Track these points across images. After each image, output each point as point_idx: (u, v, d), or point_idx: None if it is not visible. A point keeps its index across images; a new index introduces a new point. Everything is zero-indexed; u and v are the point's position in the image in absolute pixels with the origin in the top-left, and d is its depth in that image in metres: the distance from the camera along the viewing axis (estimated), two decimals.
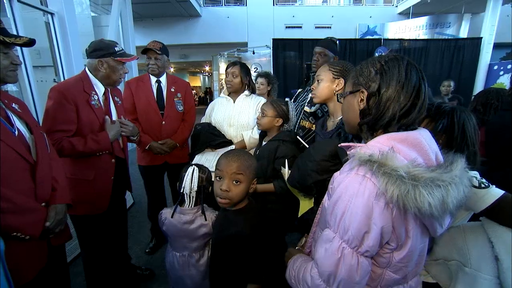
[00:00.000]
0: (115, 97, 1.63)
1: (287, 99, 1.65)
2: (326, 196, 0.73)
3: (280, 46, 6.21)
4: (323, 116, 1.49)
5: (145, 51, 1.97)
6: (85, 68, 1.50)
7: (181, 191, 1.26)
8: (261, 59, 7.54)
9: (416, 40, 6.92)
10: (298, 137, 1.47)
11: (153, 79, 2.05)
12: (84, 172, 1.44)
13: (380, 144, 0.63)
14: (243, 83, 1.87)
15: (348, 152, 0.68)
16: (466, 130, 0.97)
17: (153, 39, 2.06)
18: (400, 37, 7.66)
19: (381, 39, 6.67)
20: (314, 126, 1.67)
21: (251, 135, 1.81)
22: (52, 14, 3.47)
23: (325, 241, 0.65)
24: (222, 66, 7.61)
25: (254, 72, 7.49)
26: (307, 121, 1.74)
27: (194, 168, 1.27)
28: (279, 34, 8.79)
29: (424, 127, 0.73)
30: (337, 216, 0.63)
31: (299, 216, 1.32)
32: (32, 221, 0.99)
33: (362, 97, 0.69)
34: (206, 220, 1.27)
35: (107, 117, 1.49)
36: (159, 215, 1.33)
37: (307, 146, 1.35)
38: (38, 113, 3.26)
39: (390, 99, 0.64)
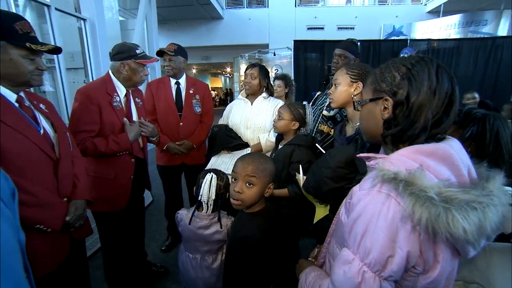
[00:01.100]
0: (136, 98, 1.68)
1: (304, 102, 1.62)
2: (343, 209, 0.68)
3: (301, 47, 6.14)
4: (342, 121, 1.44)
5: (160, 53, 2.02)
6: (108, 71, 1.56)
7: (199, 198, 1.26)
8: (282, 61, 7.51)
9: (446, 40, 6.52)
10: (315, 143, 1.43)
11: (173, 80, 2.10)
12: (105, 171, 1.50)
13: (405, 159, 0.57)
14: (261, 85, 1.86)
15: (367, 163, 0.63)
16: (500, 139, 0.88)
17: (176, 41, 2.11)
18: (428, 37, 7.28)
19: (407, 39, 6.35)
20: (332, 130, 1.63)
21: (267, 138, 1.80)
22: (84, 20, 3.67)
23: (343, 262, 0.59)
24: (243, 67, 7.66)
25: (275, 73, 7.47)
26: (325, 125, 1.69)
27: (212, 176, 1.27)
28: (300, 36, 8.73)
29: (450, 134, 0.67)
30: (357, 236, 0.57)
31: (314, 222, 1.29)
32: (54, 215, 1.05)
33: (386, 106, 0.62)
34: (221, 227, 1.27)
35: (125, 119, 1.53)
36: (175, 215, 1.35)
37: (324, 151, 1.31)
38: (69, 113, 3.47)
39: (421, 107, 0.58)
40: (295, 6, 10.41)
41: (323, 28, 10.39)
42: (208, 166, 1.69)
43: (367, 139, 0.74)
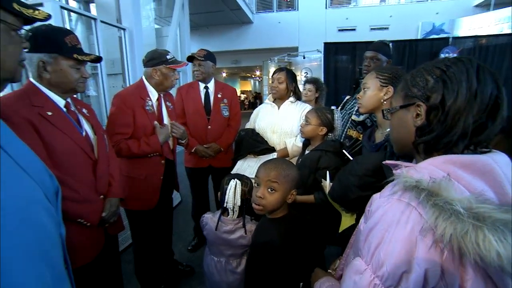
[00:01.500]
0: (167, 102, 1.76)
1: (333, 107, 1.59)
2: (362, 218, 0.65)
3: (331, 50, 6.00)
4: (372, 126, 1.38)
5: (190, 58, 2.09)
6: (142, 77, 1.65)
7: (224, 205, 1.28)
8: (311, 64, 7.41)
9: (498, 35, 5.73)
10: (343, 149, 1.39)
11: (202, 85, 2.16)
12: (137, 172, 1.59)
13: (432, 167, 0.52)
14: (288, 89, 1.85)
15: (394, 172, 0.59)
16: None
17: (207, 46, 2.18)
18: (474, 34, 6.62)
19: (449, 37, 5.82)
20: (361, 136, 1.57)
21: (294, 143, 1.78)
22: (124, 29, 3.94)
23: (355, 272, 0.55)
24: (272, 71, 7.68)
25: (304, 77, 7.39)
26: (354, 130, 1.63)
27: (236, 182, 1.28)
28: (331, 38, 8.52)
29: (496, 144, 0.60)
30: (371, 245, 0.53)
31: (339, 231, 1.25)
32: (92, 210, 1.14)
33: (419, 112, 0.58)
34: (246, 233, 1.28)
35: (156, 122, 1.61)
36: (200, 219, 1.37)
37: (352, 158, 1.26)
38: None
39: (460, 112, 0.52)
40: (326, 8, 10.23)
41: (354, 29, 10.07)
42: (234, 170, 1.71)
43: (398, 151, 0.68)
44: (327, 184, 1.28)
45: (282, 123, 1.83)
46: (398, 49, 5.37)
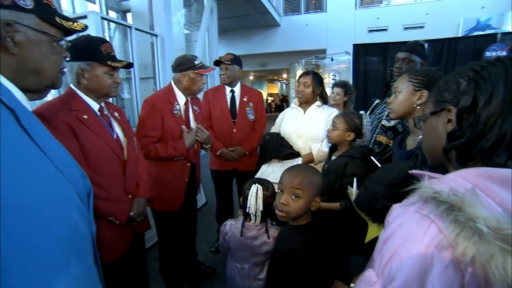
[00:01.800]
0: (194, 106, 1.80)
1: (362, 112, 1.52)
2: (383, 229, 0.62)
3: (361, 51, 5.80)
4: (403, 132, 1.30)
5: (217, 63, 2.12)
6: (171, 81, 1.71)
7: (246, 210, 1.27)
8: (339, 66, 7.24)
9: None
10: (371, 156, 1.32)
11: (228, 89, 2.19)
12: (164, 173, 1.64)
13: (461, 180, 0.46)
14: (314, 93, 1.81)
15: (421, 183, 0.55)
16: None
17: (235, 50, 2.21)
18: None
19: (496, 34, 5.23)
20: (392, 142, 1.48)
21: (319, 148, 1.73)
22: (156, 35, 4.13)
23: (365, 283, 0.52)
24: (299, 73, 7.61)
25: (332, 80, 7.23)
26: (384, 136, 1.55)
27: (258, 187, 1.26)
28: (360, 39, 8.24)
29: None
30: (384, 257, 0.49)
31: (366, 242, 1.18)
32: (121, 209, 1.19)
33: (450, 117, 0.53)
34: (269, 238, 1.26)
35: (183, 127, 1.65)
36: (222, 226, 1.37)
37: (380, 165, 1.20)
38: None
39: (495, 114, 0.47)
40: (355, 8, 9.92)
41: (386, 29, 9.62)
42: (258, 174, 1.71)
43: (431, 162, 0.63)
44: (353, 191, 1.23)
45: (308, 128, 1.79)
46: (435, 49, 5.02)
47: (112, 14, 5.37)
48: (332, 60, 7.29)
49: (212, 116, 2.19)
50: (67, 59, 1.08)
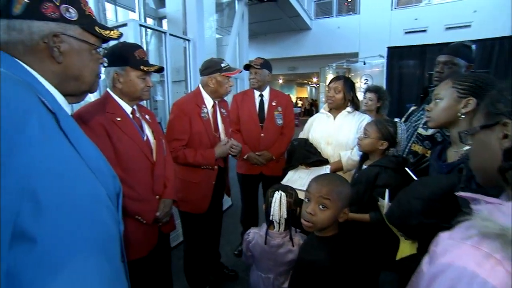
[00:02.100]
0: (222, 109, 1.82)
1: (396, 119, 1.43)
2: (427, 258, 0.53)
3: (396, 54, 5.52)
4: (444, 142, 1.19)
5: (247, 67, 2.13)
6: (199, 85, 1.74)
7: (270, 218, 1.25)
8: (372, 70, 6.96)
9: None
10: (406, 167, 1.23)
11: (257, 93, 2.19)
12: (191, 176, 1.66)
13: None
14: (345, 99, 1.74)
15: (473, 207, 0.47)
16: None
17: (265, 54, 2.21)
18: None
19: None
20: (429, 152, 1.37)
21: (349, 156, 1.66)
22: (188, 40, 4.28)
23: None
24: (330, 77, 7.45)
25: (364, 84, 6.96)
26: (420, 145, 1.44)
27: (281, 194, 1.24)
28: (395, 41, 7.83)
29: None
30: None
31: (396, 259, 1.10)
32: (148, 209, 1.23)
33: (506, 132, 0.47)
34: (293, 246, 1.23)
35: (225, 138, 1.69)
36: (245, 235, 1.35)
37: (416, 178, 1.11)
38: None
39: None
40: (391, 9, 9.46)
41: (425, 30, 9.02)
42: (284, 180, 1.67)
43: (482, 181, 0.56)
44: (385, 204, 1.15)
45: (338, 135, 1.72)
46: (484, 50, 4.58)
47: (150, 21, 5.68)
48: (364, 63, 7.03)
49: (240, 119, 2.20)
50: (105, 64, 1.14)
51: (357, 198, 1.31)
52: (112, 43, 0.89)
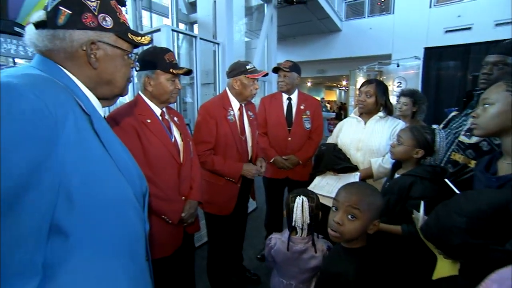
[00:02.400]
0: (249, 112, 1.82)
1: (435, 126, 1.32)
2: None
3: (434, 55, 5.19)
4: (492, 153, 1.07)
5: (275, 69, 2.11)
6: (225, 87, 1.75)
7: (293, 224, 1.23)
8: (407, 72, 6.60)
9: None
10: (445, 178, 1.13)
11: (285, 96, 2.17)
12: (217, 178, 1.68)
13: None
14: (378, 103, 1.65)
15: None
16: None
17: (293, 56, 2.19)
18: None
19: None
20: (473, 163, 1.25)
21: (380, 163, 1.57)
22: (218, 44, 4.38)
23: None
24: (360, 80, 7.20)
25: (397, 87, 6.62)
26: (462, 154, 1.32)
27: (303, 199, 1.22)
28: (434, 41, 7.32)
29: None
30: None
31: (433, 279, 1.01)
32: (174, 210, 1.25)
33: None
34: (316, 252, 1.20)
35: (255, 169, 1.71)
36: (267, 240, 1.34)
37: (457, 191, 1.01)
38: None
39: None
40: (430, 7, 8.87)
41: (470, 28, 8.25)
42: (311, 186, 1.63)
43: None
44: (420, 217, 1.06)
45: (369, 140, 1.64)
46: None
47: (182, 26, 5.90)
48: (398, 66, 6.68)
49: (268, 123, 2.19)
50: (136, 69, 1.20)
51: (388, 209, 1.23)
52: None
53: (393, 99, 2.30)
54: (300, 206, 1.21)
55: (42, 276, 0.50)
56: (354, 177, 1.59)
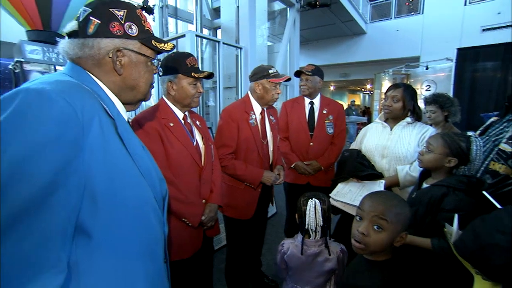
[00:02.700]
0: (270, 116, 1.80)
1: (470, 133, 1.22)
2: None
3: (469, 56, 4.86)
4: None
5: (298, 73, 2.08)
6: (248, 92, 1.76)
7: (306, 227, 1.22)
8: (437, 75, 6.26)
9: None
10: (483, 189, 1.04)
11: (307, 100, 2.13)
12: (237, 181, 1.67)
13: None
14: (405, 108, 1.57)
15: None
16: None
17: (316, 60, 2.16)
18: None
19: None
20: None
21: (408, 171, 1.48)
22: (240, 48, 4.44)
23: None
24: (386, 84, 6.94)
25: (426, 91, 6.30)
26: (503, 164, 1.21)
27: (315, 202, 1.23)
28: (469, 41, 6.87)
29: None
30: None
31: None
32: (194, 213, 1.26)
33: None
34: (330, 255, 1.20)
35: (273, 176, 1.69)
36: (279, 246, 1.33)
37: (498, 205, 0.92)
38: None
39: None
40: (465, 5, 8.33)
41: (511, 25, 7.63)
42: (333, 193, 1.58)
43: None
44: (453, 231, 0.98)
45: (395, 147, 1.56)
46: None
47: (205, 31, 6.06)
48: (427, 68, 6.35)
49: (289, 127, 2.17)
50: (160, 74, 1.23)
51: (415, 221, 1.16)
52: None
53: (421, 103, 2.18)
54: (313, 209, 1.23)
55: (67, 274, 0.52)
56: (379, 185, 1.51)
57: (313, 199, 1.24)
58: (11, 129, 0.46)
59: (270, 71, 1.65)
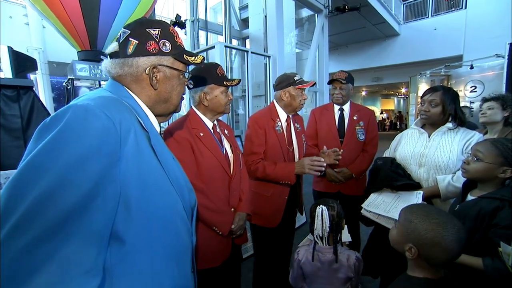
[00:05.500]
0: (296, 124, 1.79)
1: None
2: None
3: None
4: None
5: (331, 81, 2.04)
6: (273, 100, 1.76)
7: (314, 234, 1.25)
8: (484, 74, 5.73)
9: None
10: None
11: (336, 107, 2.09)
12: (264, 188, 1.66)
13: None
14: (445, 113, 1.45)
15: None
16: None
17: (346, 65, 2.11)
18: None
19: None
20: None
21: (450, 181, 1.36)
22: (269, 57, 4.49)
23: None
24: (422, 87, 6.51)
25: (471, 92, 5.80)
26: None
27: (322, 208, 1.24)
28: None
29: None
30: None
31: None
32: (224, 221, 1.27)
33: None
34: (337, 262, 1.20)
35: (313, 158, 1.51)
36: (295, 253, 1.32)
37: None
38: None
39: None
40: None
41: None
42: (366, 203, 1.50)
43: None
44: (510, 251, 0.87)
45: (434, 155, 1.44)
46: None
47: (235, 42, 6.23)
48: (471, 67, 5.84)
49: (318, 134, 2.13)
50: (190, 86, 1.28)
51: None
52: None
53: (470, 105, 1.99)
54: (320, 215, 1.24)
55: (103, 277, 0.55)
56: (417, 196, 1.41)
57: (321, 205, 1.26)
58: (63, 140, 0.51)
59: (296, 78, 1.65)
